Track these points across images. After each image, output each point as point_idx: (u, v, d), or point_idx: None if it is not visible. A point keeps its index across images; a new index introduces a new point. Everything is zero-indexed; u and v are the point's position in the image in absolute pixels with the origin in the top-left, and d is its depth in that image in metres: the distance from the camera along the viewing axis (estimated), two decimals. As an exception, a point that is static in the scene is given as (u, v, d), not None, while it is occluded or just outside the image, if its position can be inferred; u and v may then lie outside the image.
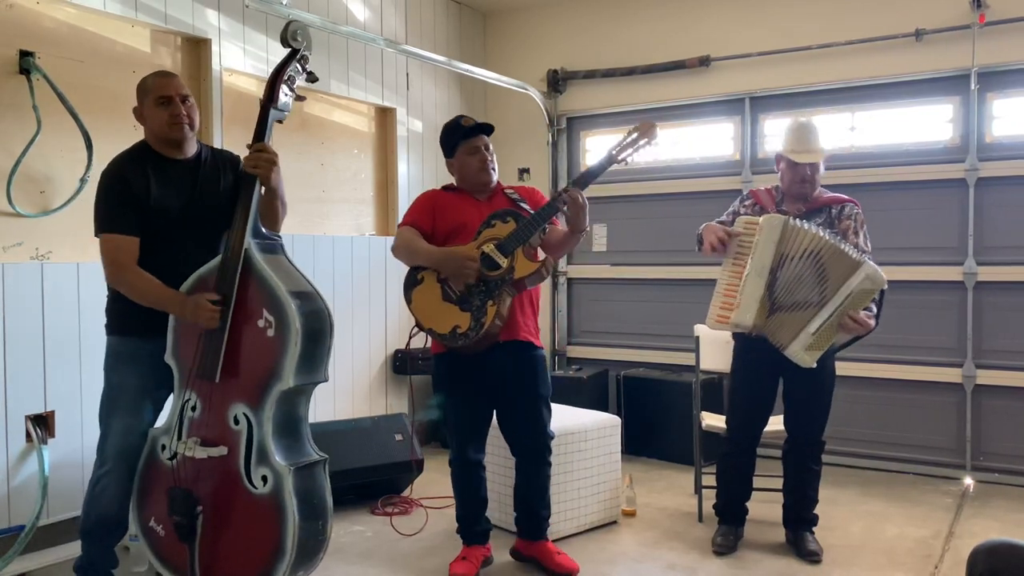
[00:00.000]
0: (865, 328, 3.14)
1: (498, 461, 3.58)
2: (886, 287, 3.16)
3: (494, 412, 3.29)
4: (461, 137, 3.24)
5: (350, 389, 4.97)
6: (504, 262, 3.00)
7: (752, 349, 3.41)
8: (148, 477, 2.71)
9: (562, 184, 5.92)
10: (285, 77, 2.71)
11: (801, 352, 3.14)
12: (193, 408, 2.64)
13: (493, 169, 3.25)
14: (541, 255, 3.09)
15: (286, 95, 2.73)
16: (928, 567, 3.36)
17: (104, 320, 2.80)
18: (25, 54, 3.37)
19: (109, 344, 2.78)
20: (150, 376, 2.72)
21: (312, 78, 2.81)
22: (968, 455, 4.65)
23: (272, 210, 2.79)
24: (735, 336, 3.53)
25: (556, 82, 5.85)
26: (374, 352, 5.17)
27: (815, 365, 3.16)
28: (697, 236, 3.51)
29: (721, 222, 3.45)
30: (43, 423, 3.37)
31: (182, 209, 2.72)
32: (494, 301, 3.00)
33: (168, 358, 2.70)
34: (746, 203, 3.51)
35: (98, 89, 3.68)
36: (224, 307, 2.57)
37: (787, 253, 3.16)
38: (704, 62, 5.29)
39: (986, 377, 4.60)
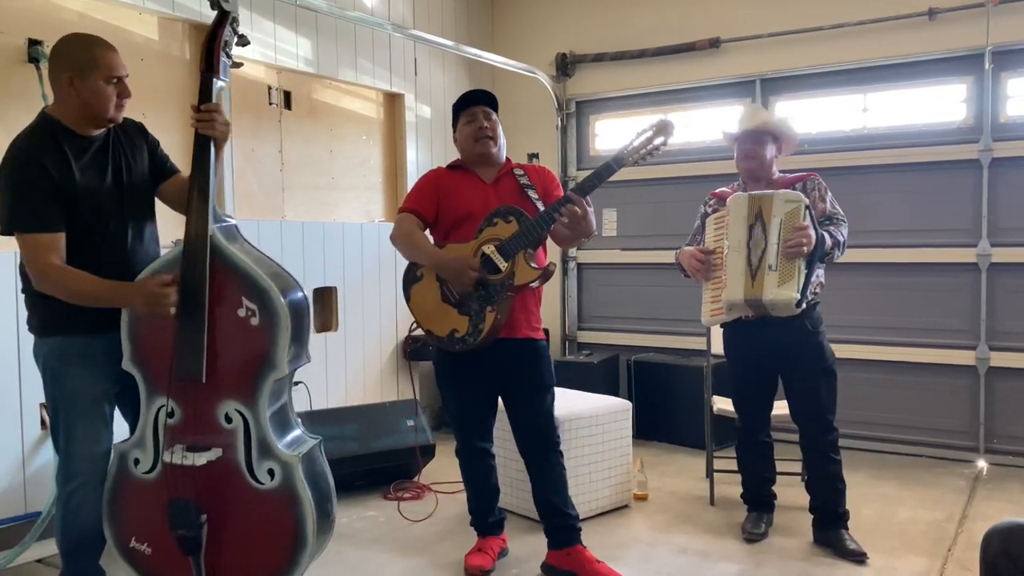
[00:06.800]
0: (806, 236, 3.10)
1: (509, 447, 3.58)
2: (806, 201, 3.17)
3: (498, 400, 3.22)
4: (459, 108, 3.17)
5: (361, 375, 4.99)
6: (504, 266, 2.86)
7: (740, 339, 3.46)
8: (121, 495, 2.52)
9: (571, 170, 5.92)
10: (222, 43, 2.50)
11: (776, 290, 3.11)
12: (171, 415, 2.44)
13: (491, 139, 3.07)
14: (544, 260, 2.99)
15: (224, 63, 2.52)
16: (942, 550, 3.35)
17: (31, 321, 2.53)
18: (33, 43, 3.37)
19: (52, 346, 2.49)
20: (104, 377, 2.50)
21: (244, 41, 2.60)
22: (981, 437, 4.62)
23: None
24: (724, 328, 3.52)
25: (565, 66, 5.82)
26: (385, 338, 5.18)
27: (798, 295, 3.10)
28: (677, 265, 3.52)
29: (692, 234, 3.56)
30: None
31: (113, 191, 2.49)
32: (493, 307, 2.86)
33: (127, 365, 2.47)
34: (710, 203, 3.55)
35: (107, 77, 3.67)
36: (198, 299, 2.37)
37: (752, 224, 3.23)
38: (714, 44, 5.24)
39: (1000, 359, 4.57)
